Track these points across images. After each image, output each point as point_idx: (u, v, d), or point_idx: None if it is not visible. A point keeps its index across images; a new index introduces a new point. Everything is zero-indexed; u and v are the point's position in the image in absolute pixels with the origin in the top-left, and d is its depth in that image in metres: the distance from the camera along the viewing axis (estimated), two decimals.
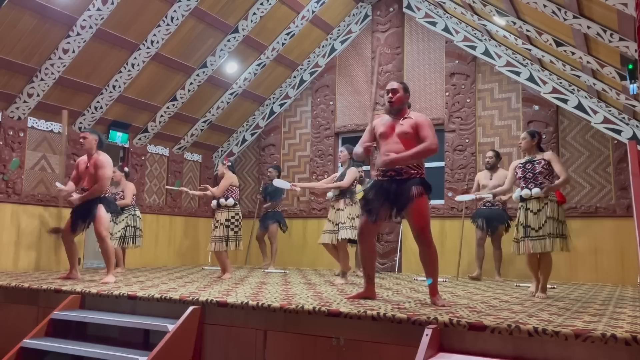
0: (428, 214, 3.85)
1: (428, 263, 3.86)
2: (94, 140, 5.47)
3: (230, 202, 6.11)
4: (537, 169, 4.68)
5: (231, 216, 6.12)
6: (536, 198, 4.61)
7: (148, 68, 7.37)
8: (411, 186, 3.80)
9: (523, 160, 4.86)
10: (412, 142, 3.88)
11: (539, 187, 4.61)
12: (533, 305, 3.96)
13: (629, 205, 6.71)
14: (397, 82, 4.16)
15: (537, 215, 4.58)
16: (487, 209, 6.87)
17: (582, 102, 7.20)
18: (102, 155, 5.43)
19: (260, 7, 7.72)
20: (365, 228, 4.01)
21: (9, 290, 4.75)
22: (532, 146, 4.80)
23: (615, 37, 4.46)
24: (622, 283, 6.70)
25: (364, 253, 4.10)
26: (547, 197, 4.59)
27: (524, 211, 4.67)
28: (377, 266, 8.08)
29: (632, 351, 2.54)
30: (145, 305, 4.05)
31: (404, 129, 3.92)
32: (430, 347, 2.82)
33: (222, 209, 6.13)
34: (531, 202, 4.64)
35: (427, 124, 3.93)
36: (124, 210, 6.89)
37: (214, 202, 6.18)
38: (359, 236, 4.10)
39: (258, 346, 3.52)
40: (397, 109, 4.05)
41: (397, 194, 3.84)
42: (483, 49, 7.99)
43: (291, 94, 9.57)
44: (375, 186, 4.01)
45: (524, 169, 4.76)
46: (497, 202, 6.79)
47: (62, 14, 6.16)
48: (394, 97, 4.03)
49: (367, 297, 4.04)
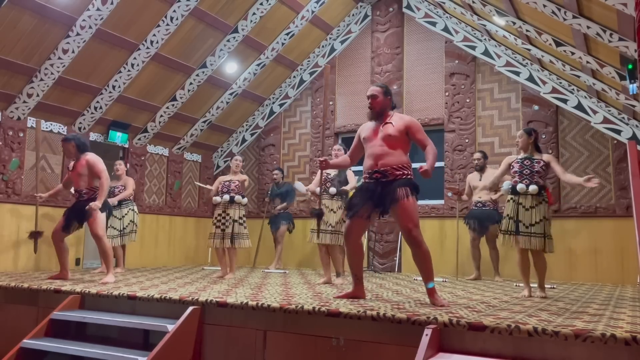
0: (416, 215, 3.84)
1: (420, 263, 3.87)
2: (70, 146, 5.47)
3: (244, 200, 6.24)
4: (536, 167, 4.71)
5: (243, 214, 6.23)
6: (531, 195, 4.64)
7: (148, 68, 7.37)
8: (397, 187, 3.82)
9: (521, 156, 4.88)
10: (397, 143, 3.93)
11: (535, 185, 4.64)
12: (533, 305, 3.96)
13: (629, 205, 6.72)
14: (376, 87, 4.14)
15: (529, 212, 4.62)
16: (479, 210, 6.86)
17: (582, 102, 7.20)
18: (90, 155, 5.45)
19: (259, 7, 7.72)
20: (350, 228, 4.03)
21: (8, 290, 4.75)
22: (528, 144, 4.84)
23: (614, 37, 4.46)
24: (622, 283, 6.71)
25: (349, 253, 4.12)
26: (541, 196, 4.63)
27: (515, 205, 4.70)
28: (377, 266, 8.09)
29: (631, 351, 2.54)
30: (145, 305, 4.05)
31: (387, 132, 3.95)
32: (430, 347, 2.82)
33: (236, 205, 6.18)
34: (524, 198, 4.67)
35: (418, 127, 3.99)
36: (121, 204, 6.85)
37: (227, 196, 6.13)
38: (345, 237, 4.11)
39: (258, 346, 3.51)
40: (378, 114, 4.07)
41: (381, 196, 3.87)
42: (483, 49, 7.99)
43: (291, 94, 9.57)
44: (361, 189, 4.06)
45: (521, 164, 4.79)
46: (489, 202, 6.79)
47: (62, 14, 6.16)
48: (373, 103, 4.07)
49: (356, 296, 4.06)
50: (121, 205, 6.84)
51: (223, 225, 6.10)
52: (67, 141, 5.52)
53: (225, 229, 6.09)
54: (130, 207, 6.99)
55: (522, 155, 4.86)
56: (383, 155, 3.91)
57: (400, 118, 4.02)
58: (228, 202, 6.14)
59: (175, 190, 8.93)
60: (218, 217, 6.17)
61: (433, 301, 3.76)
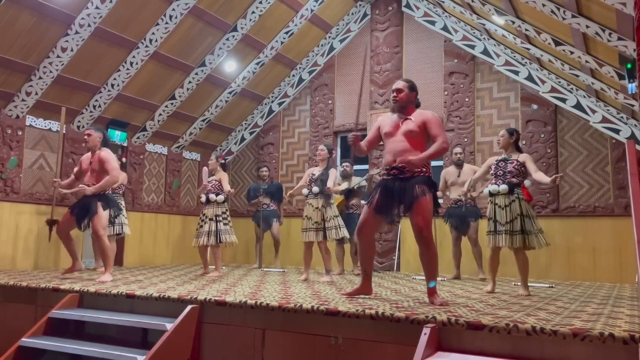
0: (429, 214, 3.81)
1: (426, 263, 3.84)
2: (97, 137, 5.48)
3: (220, 198, 6.30)
4: (509, 167, 4.82)
5: (222, 211, 6.35)
6: (503, 194, 4.76)
7: (147, 66, 7.36)
8: (414, 185, 3.80)
9: (499, 157, 4.98)
10: (418, 139, 3.90)
11: (506, 184, 4.75)
12: (531, 304, 3.96)
13: (627, 204, 6.72)
14: (402, 81, 4.11)
15: (504, 210, 4.73)
16: (459, 208, 6.76)
17: (581, 101, 7.20)
18: (105, 151, 5.44)
19: (259, 5, 7.71)
20: (364, 222, 4.00)
21: (7, 289, 4.74)
22: (509, 144, 4.94)
23: (614, 37, 4.47)
24: (620, 282, 6.71)
25: (362, 248, 4.09)
26: (515, 194, 4.73)
27: (492, 206, 4.84)
28: (376, 265, 8.09)
29: (629, 350, 2.54)
30: (144, 304, 4.05)
31: (409, 127, 3.92)
32: (429, 346, 2.82)
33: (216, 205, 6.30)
34: (499, 198, 4.79)
35: (436, 121, 3.92)
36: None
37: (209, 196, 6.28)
38: (359, 232, 4.06)
39: (256, 345, 3.51)
40: (401, 106, 4.03)
41: (401, 192, 3.84)
42: (482, 48, 7.99)
43: (290, 93, 9.57)
44: (380, 185, 4.02)
45: (497, 166, 4.91)
46: (468, 200, 6.75)
47: (61, 12, 6.15)
48: (398, 96, 4.02)
49: (363, 293, 4.06)
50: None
51: (202, 222, 6.30)
52: (96, 131, 5.54)
53: (203, 226, 6.27)
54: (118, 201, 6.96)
55: (500, 157, 4.97)
56: (403, 151, 3.88)
57: (421, 114, 3.98)
58: (205, 202, 6.36)
59: (174, 189, 8.93)
60: (201, 215, 6.40)
61: (432, 300, 3.75)
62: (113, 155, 5.47)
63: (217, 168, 6.43)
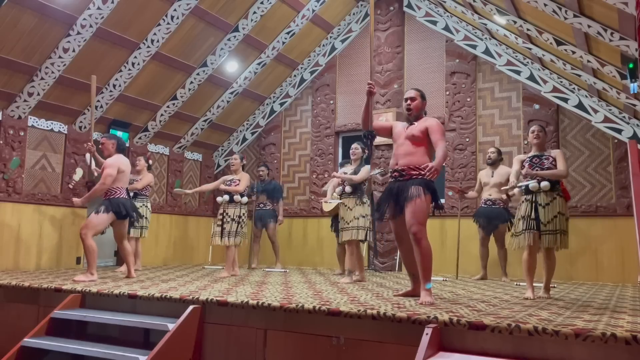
0: (422, 214, 3.93)
1: (419, 261, 3.95)
2: (111, 144, 5.68)
3: (244, 199, 6.36)
4: (546, 164, 4.60)
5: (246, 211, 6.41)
6: (544, 191, 4.52)
7: (148, 67, 7.37)
8: (410, 186, 3.99)
9: (530, 154, 4.77)
10: (420, 144, 4.10)
11: (547, 182, 4.52)
12: (533, 304, 3.96)
13: (629, 204, 6.71)
14: (414, 90, 4.31)
15: (545, 209, 4.50)
16: (488, 208, 6.79)
17: (583, 101, 7.19)
18: (112, 157, 5.60)
19: (260, 6, 7.71)
20: (398, 234, 4.24)
21: (9, 289, 4.75)
22: (545, 141, 4.82)
23: (615, 36, 4.46)
24: (622, 282, 6.70)
25: (403, 253, 4.33)
26: (555, 191, 4.53)
27: (529, 204, 4.56)
28: (378, 265, 8.09)
29: (632, 351, 2.54)
30: (146, 304, 4.06)
31: (412, 132, 4.13)
32: (430, 346, 2.82)
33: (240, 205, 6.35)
34: (540, 196, 4.54)
35: (439, 128, 4.09)
36: (136, 198, 6.91)
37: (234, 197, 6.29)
38: (399, 245, 4.33)
39: (258, 345, 3.52)
40: (416, 116, 4.24)
41: (398, 193, 4.06)
42: (483, 48, 7.99)
43: (291, 93, 9.57)
44: (385, 190, 4.27)
45: (531, 163, 4.66)
46: (499, 201, 6.75)
47: (63, 13, 6.16)
48: (412, 105, 4.22)
49: (413, 295, 4.21)
50: (136, 199, 6.90)
51: (223, 222, 6.29)
52: (109, 138, 5.73)
53: (224, 226, 6.27)
54: (144, 202, 7.09)
55: (531, 154, 4.76)
56: (405, 155, 4.11)
57: (425, 120, 4.19)
58: (227, 201, 6.34)
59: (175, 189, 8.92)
60: (223, 214, 6.38)
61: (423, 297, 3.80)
62: (118, 162, 5.57)
63: (239, 169, 6.48)
